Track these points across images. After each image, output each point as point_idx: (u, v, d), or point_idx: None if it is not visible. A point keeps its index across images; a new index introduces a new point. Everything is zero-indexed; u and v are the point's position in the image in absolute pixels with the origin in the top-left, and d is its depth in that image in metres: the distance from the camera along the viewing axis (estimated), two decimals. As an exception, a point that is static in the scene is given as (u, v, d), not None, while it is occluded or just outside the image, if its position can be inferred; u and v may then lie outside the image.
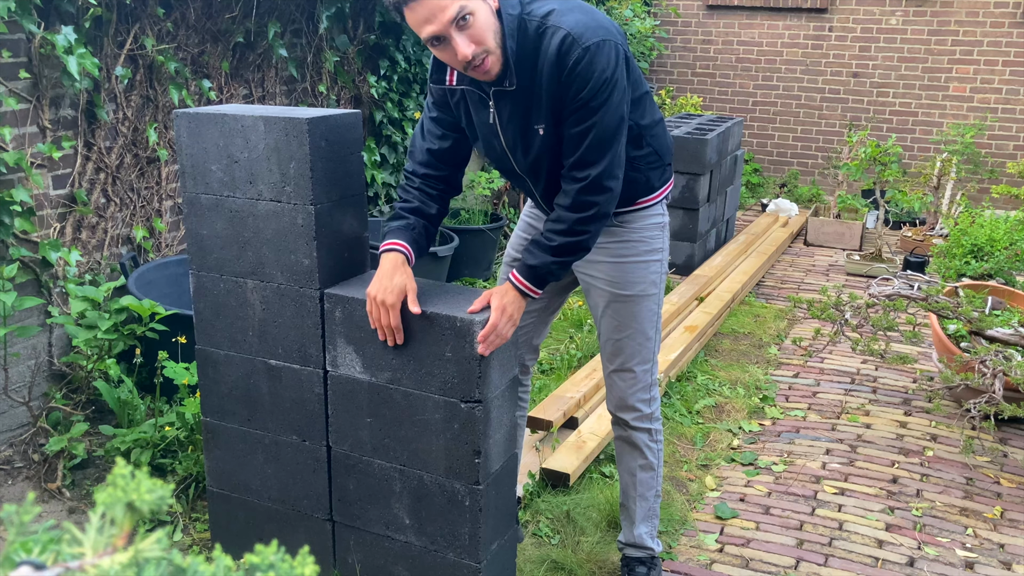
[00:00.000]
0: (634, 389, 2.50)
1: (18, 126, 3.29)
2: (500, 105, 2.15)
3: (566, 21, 2.03)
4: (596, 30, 2.04)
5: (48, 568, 0.65)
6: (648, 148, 2.30)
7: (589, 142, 2.09)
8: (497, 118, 2.17)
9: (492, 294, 2.17)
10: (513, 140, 2.21)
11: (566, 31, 2.02)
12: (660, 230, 2.42)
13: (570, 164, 2.13)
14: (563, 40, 2.01)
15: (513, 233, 2.62)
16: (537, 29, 2.04)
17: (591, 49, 2.01)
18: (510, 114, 2.15)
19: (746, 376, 4.32)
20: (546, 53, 2.03)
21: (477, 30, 1.96)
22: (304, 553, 0.72)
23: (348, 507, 2.41)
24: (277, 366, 2.39)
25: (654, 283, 2.43)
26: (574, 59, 2.01)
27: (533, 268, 2.16)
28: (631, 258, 2.38)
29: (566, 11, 2.06)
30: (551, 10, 2.06)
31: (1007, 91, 7.40)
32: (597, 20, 2.07)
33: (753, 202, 8.00)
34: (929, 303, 3.67)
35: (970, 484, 3.42)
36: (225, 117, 2.25)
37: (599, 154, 2.10)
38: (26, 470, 3.17)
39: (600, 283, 2.43)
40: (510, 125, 2.17)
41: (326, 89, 4.81)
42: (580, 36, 2.01)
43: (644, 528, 2.65)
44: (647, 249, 2.40)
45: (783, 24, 7.98)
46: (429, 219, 2.32)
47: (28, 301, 3.03)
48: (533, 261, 2.16)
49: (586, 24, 2.04)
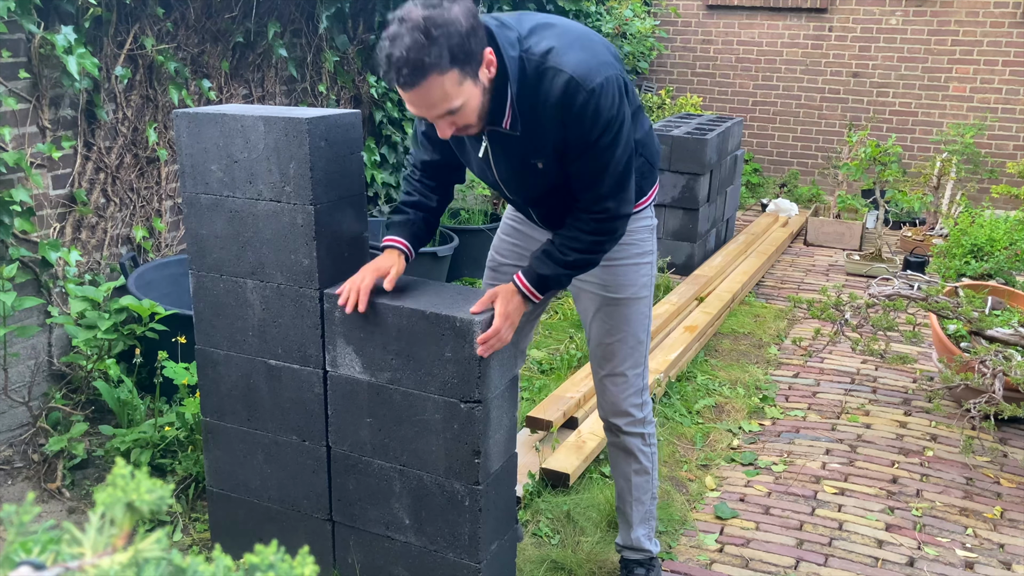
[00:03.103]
0: (627, 393, 2.47)
1: (18, 126, 3.29)
2: (494, 141, 2.11)
3: (567, 62, 1.97)
4: (598, 68, 1.99)
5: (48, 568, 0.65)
6: (641, 159, 2.29)
7: (605, 179, 2.09)
8: (490, 153, 2.15)
9: (496, 296, 2.17)
10: (507, 174, 2.20)
11: (569, 75, 1.96)
12: (649, 232, 2.42)
13: (587, 199, 2.13)
14: (567, 84, 1.96)
15: (497, 237, 2.59)
16: (537, 68, 1.98)
17: (596, 91, 1.97)
18: (506, 151, 2.12)
19: (746, 376, 4.32)
20: (547, 95, 1.98)
21: (461, 117, 1.94)
22: (304, 553, 0.72)
23: (348, 507, 2.41)
24: (277, 366, 2.39)
25: (645, 285, 2.43)
26: (579, 103, 1.97)
27: (544, 277, 2.18)
28: (622, 261, 2.37)
29: (565, 48, 1.99)
30: (551, 48, 1.99)
31: (1007, 91, 7.40)
32: (597, 56, 2.02)
33: (753, 202, 8.00)
34: (929, 303, 3.67)
35: (970, 484, 3.42)
36: (225, 117, 2.24)
37: (615, 189, 2.11)
38: (26, 470, 3.16)
39: (591, 287, 2.41)
40: (505, 161, 2.16)
41: (326, 89, 4.81)
42: (584, 78, 1.96)
43: (642, 531, 2.65)
44: (638, 252, 2.39)
45: (783, 24, 7.98)
46: (430, 211, 2.34)
47: (28, 301, 3.02)
48: (545, 271, 2.18)
49: (588, 64, 1.98)
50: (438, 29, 1.80)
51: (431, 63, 1.81)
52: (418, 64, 1.81)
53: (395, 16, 1.84)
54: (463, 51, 1.84)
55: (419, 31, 1.80)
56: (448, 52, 1.82)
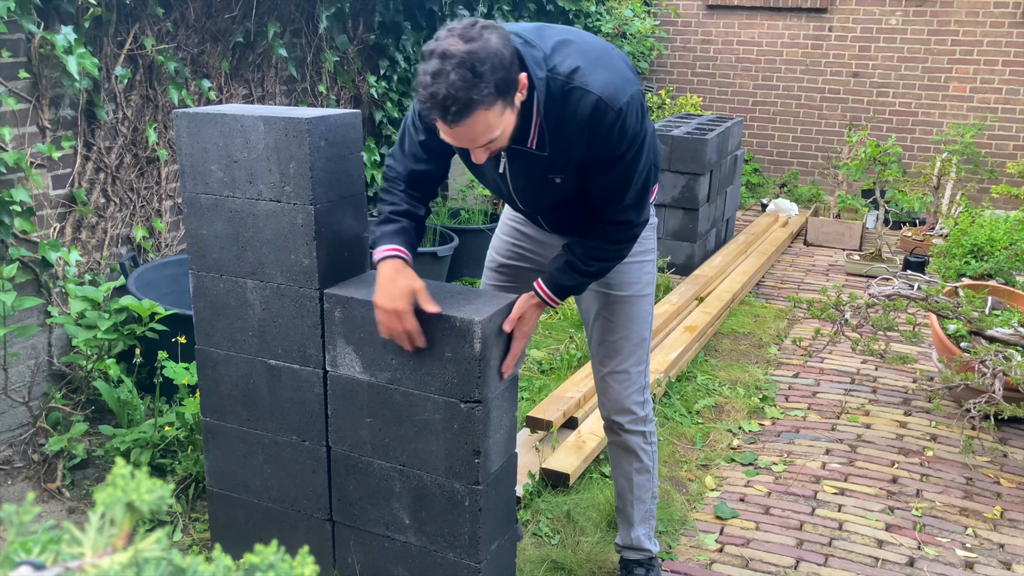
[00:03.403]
0: (630, 391, 2.48)
1: (18, 126, 3.29)
2: (514, 159, 2.11)
3: (595, 82, 1.96)
4: (623, 87, 1.99)
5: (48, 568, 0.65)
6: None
7: (629, 192, 2.12)
8: (508, 169, 2.15)
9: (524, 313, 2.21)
10: (523, 189, 2.20)
11: (597, 95, 1.95)
12: (651, 231, 2.44)
13: (611, 211, 2.16)
14: (595, 105, 1.96)
15: (496, 237, 2.59)
16: (563, 88, 1.97)
17: (623, 111, 1.97)
18: (525, 168, 2.12)
19: (746, 376, 4.32)
20: (574, 114, 1.97)
21: (497, 143, 1.93)
22: (304, 553, 0.72)
23: (348, 507, 2.41)
24: (277, 366, 2.39)
25: (648, 283, 2.45)
26: (608, 123, 1.97)
27: (566, 288, 2.24)
28: (628, 259, 2.37)
29: (591, 68, 1.98)
30: (576, 67, 1.97)
31: (1007, 91, 7.40)
32: (621, 73, 2.02)
33: (753, 202, 8.00)
34: (929, 303, 3.67)
35: (970, 484, 3.42)
36: (225, 117, 2.24)
37: (636, 199, 2.15)
38: (26, 470, 3.16)
39: (596, 285, 2.42)
40: (523, 177, 2.16)
41: (326, 89, 4.81)
42: (612, 99, 1.96)
43: (642, 530, 2.65)
44: (641, 250, 2.40)
45: (783, 24, 7.98)
46: (419, 220, 2.28)
47: (28, 301, 3.02)
48: (568, 282, 2.23)
49: (614, 83, 1.98)
50: (483, 64, 1.78)
51: (478, 100, 1.79)
52: (467, 102, 1.78)
53: (433, 50, 1.80)
54: (506, 83, 1.83)
55: (465, 68, 1.77)
56: (494, 86, 1.81)
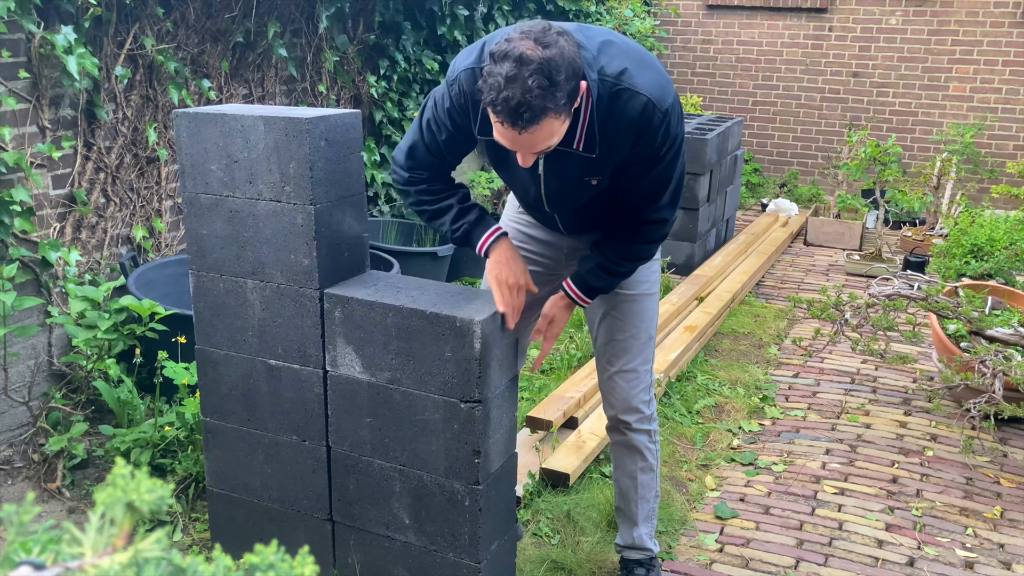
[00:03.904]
0: (637, 389, 2.49)
1: (18, 126, 3.29)
2: (551, 160, 2.10)
3: (643, 84, 1.97)
4: (667, 88, 2.02)
5: (48, 568, 0.65)
6: None
7: (667, 192, 2.16)
8: (544, 170, 2.16)
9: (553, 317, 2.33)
10: (556, 190, 2.21)
11: (647, 97, 1.96)
12: None
13: (646, 211, 2.19)
14: (645, 106, 1.96)
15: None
16: (611, 88, 1.96)
17: (669, 112, 2.00)
18: (563, 169, 2.12)
19: (746, 376, 4.31)
20: (621, 115, 1.98)
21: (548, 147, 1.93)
22: (304, 553, 0.72)
23: (348, 507, 2.41)
24: (277, 366, 2.39)
25: (655, 282, 2.47)
26: (655, 124, 1.99)
27: (597, 289, 2.31)
28: None
29: (638, 70, 1.98)
30: (624, 69, 1.96)
31: (1007, 91, 7.40)
32: (663, 75, 2.04)
33: (753, 202, 8.00)
34: (929, 303, 3.67)
35: (970, 484, 3.42)
36: (225, 117, 2.24)
37: (673, 199, 2.19)
38: (26, 470, 3.16)
39: None
40: (557, 177, 2.16)
41: (326, 89, 4.81)
42: (660, 100, 1.98)
43: (644, 529, 2.65)
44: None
45: (783, 24, 7.98)
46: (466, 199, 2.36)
47: (28, 301, 3.02)
48: (599, 284, 2.29)
49: (660, 85, 2.00)
50: (560, 74, 1.77)
51: (552, 108, 1.79)
52: (540, 110, 1.77)
53: (507, 52, 1.77)
54: (576, 91, 1.84)
55: (543, 75, 1.75)
56: (567, 95, 1.80)
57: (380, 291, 2.26)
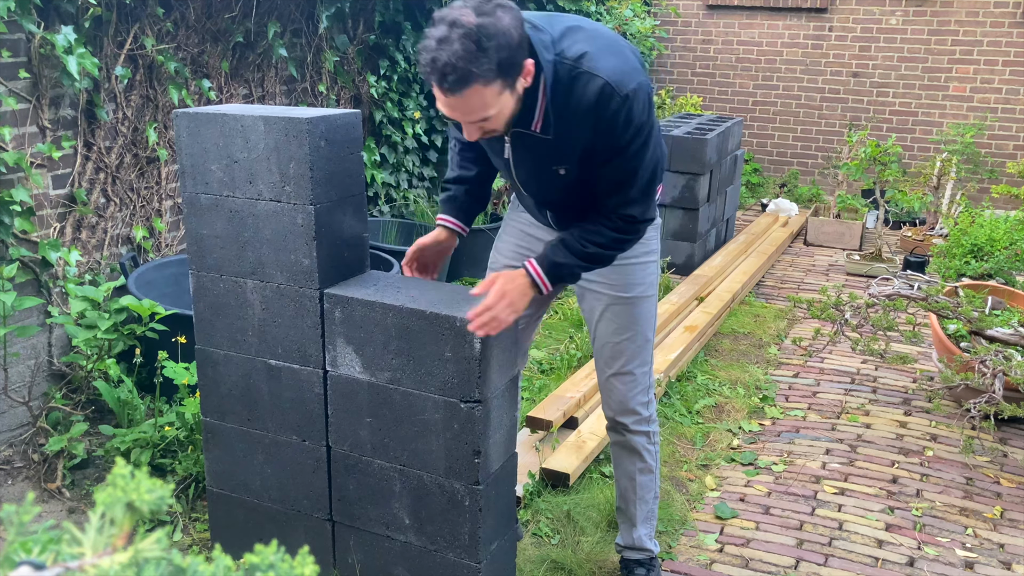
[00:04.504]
0: (634, 392, 2.48)
1: (18, 126, 3.29)
2: (517, 145, 2.11)
3: (602, 67, 1.96)
4: (631, 74, 1.99)
5: (48, 568, 0.65)
6: None
7: (633, 186, 2.10)
8: (512, 155, 2.15)
9: (498, 277, 2.13)
10: (527, 177, 2.20)
11: (604, 80, 1.95)
12: (655, 231, 2.43)
13: (613, 203, 2.14)
14: (602, 89, 1.95)
15: (500, 239, 2.58)
16: (570, 72, 1.97)
17: (629, 97, 1.97)
18: (529, 155, 2.12)
19: (746, 376, 4.31)
20: (581, 99, 1.97)
21: (492, 123, 1.94)
22: (304, 553, 0.72)
23: (348, 507, 2.41)
24: (277, 366, 2.39)
25: (652, 284, 2.44)
26: (613, 109, 1.97)
27: (558, 265, 2.15)
28: (631, 260, 2.37)
29: (599, 54, 1.98)
30: (584, 52, 1.97)
31: (1007, 91, 7.40)
32: (628, 61, 2.02)
33: (753, 202, 8.00)
34: (929, 303, 3.67)
35: (970, 484, 3.42)
36: (225, 117, 2.24)
37: (642, 194, 2.13)
38: (26, 470, 3.16)
39: (598, 286, 2.41)
40: (526, 163, 2.16)
41: (326, 89, 4.81)
42: (619, 84, 1.96)
43: (644, 530, 2.65)
44: (645, 251, 2.40)
45: (783, 24, 7.98)
46: (470, 182, 2.42)
47: (28, 301, 3.02)
48: (561, 259, 2.15)
49: (622, 69, 1.98)
50: (490, 40, 1.78)
51: (478, 74, 1.79)
52: (465, 73, 1.79)
53: (443, 16, 1.80)
54: (510, 63, 1.83)
55: (471, 40, 1.77)
56: (496, 65, 1.81)
57: (380, 291, 2.26)
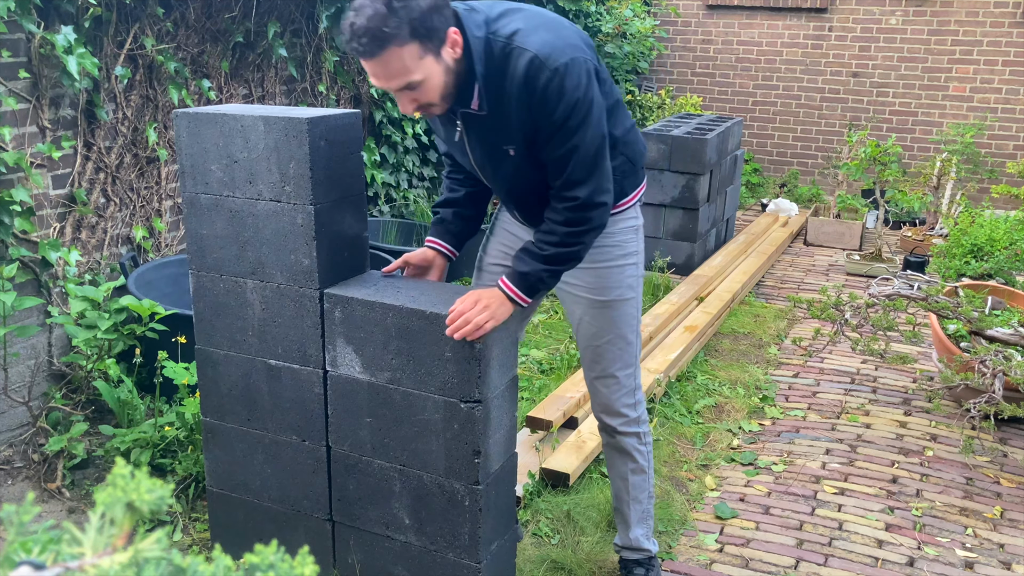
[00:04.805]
0: (618, 395, 2.46)
1: (18, 126, 3.29)
2: (468, 125, 2.13)
3: (532, 42, 1.98)
4: (563, 49, 1.98)
5: (48, 568, 0.65)
6: (621, 157, 2.26)
7: (574, 164, 2.06)
8: (464, 137, 2.16)
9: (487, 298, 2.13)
10: (481, 160, 2.20)
11: (532, 53, 1.96)
12: (634, 233, 2.39)
13: (558, 186, 2.11)
14: (530, 63, 1.96)
15: (486, 238, 2.58)
16: (503, 50, 1.99)
17: (560, 71, 1.96)
18: (478, 135, 2.13)
19: (746, 376, 4.31)
20: (513, 76, 1.99)
21: (422, 93, 1.96)
22: (304, 553, 0.72)
23: (348, 507, 2.41)
24: (277, 366, 2.39)
25: (631, 287, 2.40)
26: (543, 82, 1.97)
27: (524, 275, 2.14)
28: (607, 263, 2.35)
29: (531, 30, 2.00)
30: (516, 29, 2.00)
31: (1007, 91, 7.40)
32: (563, 37, 2.02)
33: (753, 202, 8.00)
34: (929, 303, 3.67)
35: (970, 484, 3.42)
36: (225, 117, 2.24)
37: (586, 174, 2.08)
38: (26, 470, 3.16)
39: (577, 290, 2.39)
40: (478, 145, 2.16)
41: (326, 89, 4.81)
42: (547, 58, 1.96)
43: (640, 530, 2.64)
44: (622, 253, 2.37)
45: (783, 24, 7.98)
46: (459, 204, 2.44)
47: (28, 301, 3.02)
48: (524, 268, 2.14)
49: (552, 44, 1.98)
50: (400, 3, 1.85)
51: (390, 34, 1.85)
52: (377, 34, 1.85)
53: None
54: (424, 26, 1.88)
55: (381, 2, 1.85)
56: (408, 25, 1.86)
57: (380, 291, 2.26)
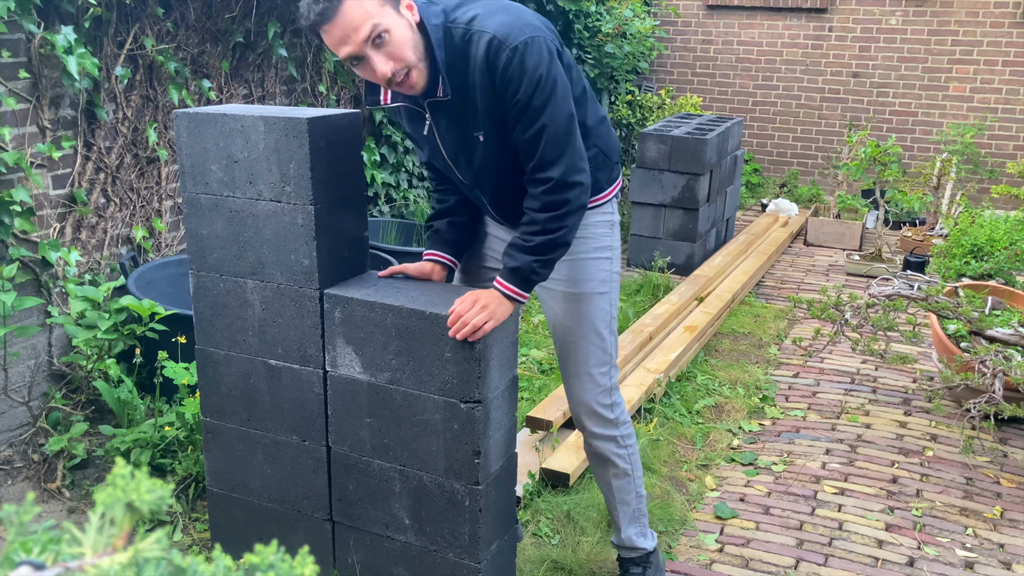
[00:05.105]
0: (594, 393, 2.42)
1: (18, 126, 3.29)
2: (436, 116, 2.13)
3: (490, 24, 2.00)
4: (522, 28, 2.00)
5: (48, 568, 0.65)
6: (595, 148, 2.25)
7: (544, 143, 2.05)
8: (435, 129, 2.16)
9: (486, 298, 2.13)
10: (454, 150, 2.19)
11: (491, 34, 1.98)
12: (609, 228, 2.38)
13: (531, 168, 2.10)
14: (489, 44, 1.98)
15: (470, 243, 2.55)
16: (463, 36, 2.01)
17: (519, 49, 1.98)
18: (447, 124, 2.13)
19: (746, 376, 4.31)
20: (475, 59, 2.01)
21: (395, 47, 1.94)
22: (304, 553, 0.72)
23: (348, 507, 2.41)
24: (277, 366, 2.39)
25: (604, 281, 2.37)
26: (504, 61, 1.98)
27: (516, 270, 2.13)
28: (580, 255, 2.33)
29: (490, 14, 2.02)
30: (475, 15, 2.02)
31: (1007, 91, 7.40)
32: (522, 19, 2.04)
33: (753, 202, 8.00)
34: (929, 303, 3.67)
35: (970, 484, 3.42)
36: (225, 117, 2.24)
37: (557, 153, 2.07)
38: (26, 470, 3.16)
39: (551, 283, 2.36)
40: (448, 135, 2.16)
41: (326, 89, 4.81)
42: (506, 37, 1.98)
43: (632, 530, 2.62)
44: (597, 246, 2.35)
45: (783, 24, 7.98)
46: (450, 214, 2.41)
47: (28, 301, 3.02)
48: (514, 263, 2.13)
49: (511, 24, 2.00)
50: None
51: None
52: None
53: None
54: None
55: None
56: None
57: (380, 291, 2.26)
